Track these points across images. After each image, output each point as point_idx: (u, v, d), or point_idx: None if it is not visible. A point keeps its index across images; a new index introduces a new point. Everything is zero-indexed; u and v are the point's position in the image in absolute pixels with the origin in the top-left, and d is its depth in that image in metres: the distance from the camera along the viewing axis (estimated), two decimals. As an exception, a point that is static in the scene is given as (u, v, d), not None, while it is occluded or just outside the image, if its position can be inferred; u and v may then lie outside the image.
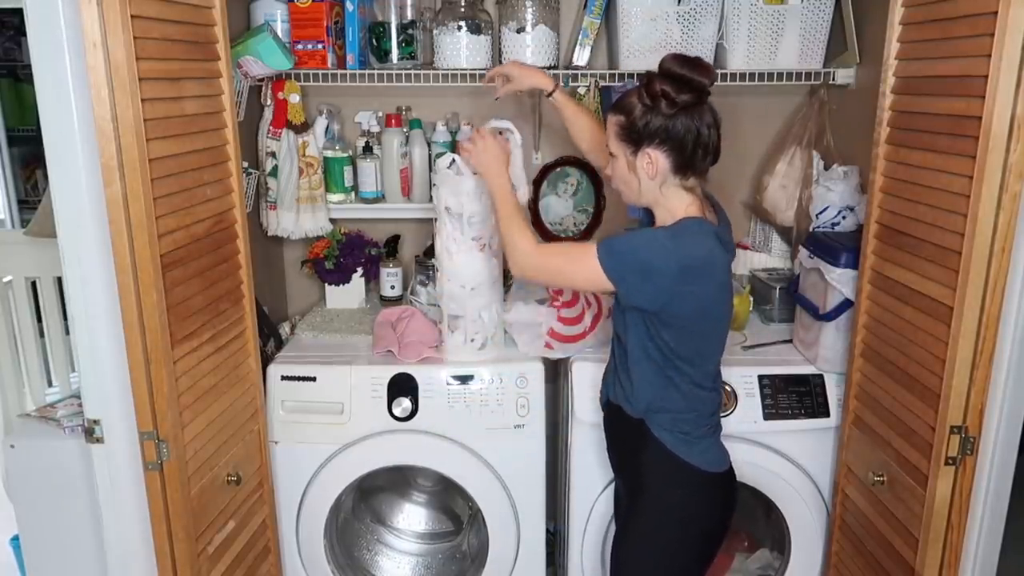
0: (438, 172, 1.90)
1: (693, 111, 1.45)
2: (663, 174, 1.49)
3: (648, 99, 1.45)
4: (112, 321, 1.42)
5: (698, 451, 1.57)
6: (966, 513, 1.52)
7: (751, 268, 2.42)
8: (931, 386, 1.50)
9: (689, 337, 1.51)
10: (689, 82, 1.43)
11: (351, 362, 2.02)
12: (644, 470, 1.60)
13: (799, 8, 2.14)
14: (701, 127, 1.46)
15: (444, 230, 1.90)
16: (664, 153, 1.47)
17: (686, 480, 1.57)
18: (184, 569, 1.56)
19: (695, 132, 1.46)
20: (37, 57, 1.34)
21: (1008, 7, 1.27)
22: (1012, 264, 1.38)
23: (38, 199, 3.80)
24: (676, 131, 1.45)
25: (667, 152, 1.47)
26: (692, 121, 1.45)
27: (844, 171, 2.11)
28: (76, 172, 1.37)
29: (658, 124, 1.45)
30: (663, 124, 1.45)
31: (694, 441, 1.57)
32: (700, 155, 1.48)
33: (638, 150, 1.48)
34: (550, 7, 2.19)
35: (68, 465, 1.70)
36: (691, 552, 1.62)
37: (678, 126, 1.45)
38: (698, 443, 1.58)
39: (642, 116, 1.46)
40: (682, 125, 1.45)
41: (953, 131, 1.42)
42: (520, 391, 1.97)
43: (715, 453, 1.61)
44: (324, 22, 2.15)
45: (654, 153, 1.47)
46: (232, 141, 1.66)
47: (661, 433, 1.56)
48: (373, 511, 2.38)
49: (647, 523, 1.61)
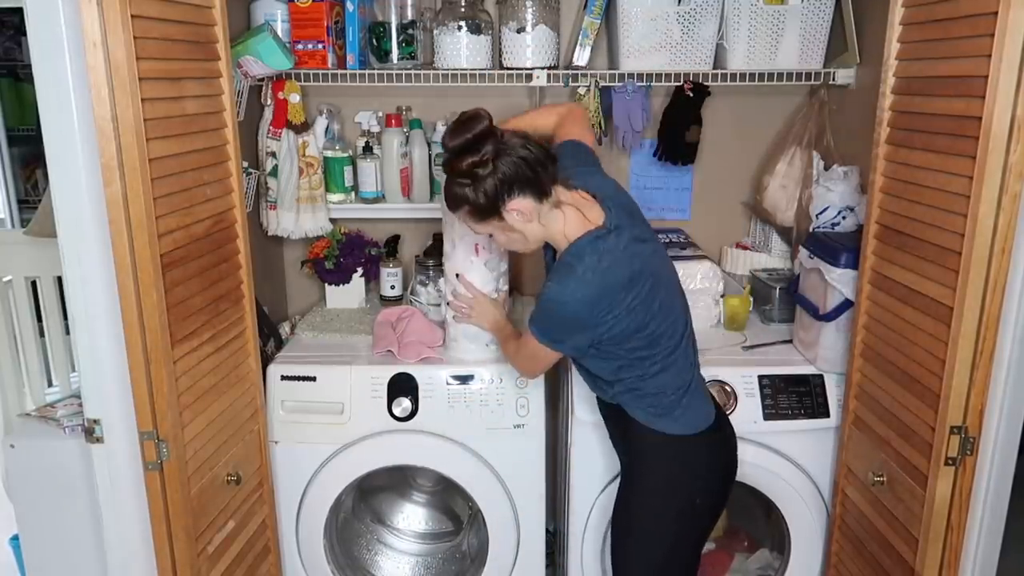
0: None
1: (501, 150, 1.47)
2: (533, 211, 1.52)
3: (467, 179, 1.48)
4: (112, 321, 1.42)
5: (673, 419, 1.61)
6: (966, 513, 1.52)
7: (751, 268, 2.42)
8: (931, 386, 1.50)
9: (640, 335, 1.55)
10: (477, 138, 1.46)
11: (351, 362, 2.02)
12: (631, 448, 1.68)
13: (799, 8, 2.14)
14: (519, 152, 1.49)
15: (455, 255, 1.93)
16: (520, 196, 1.49)
17: (671, 451, 1.63)
18: (184, 569, 1.56)
19: (521, 160, 1.49)
20: (37, 57, 1.33)
21: (1008, 7, 1.27)
22: (1012, 264, 1.38)
23: (38, 199, 3.80)
24: (509, 175, 1.48)
25: (521, 193, 1.49)
26: (510, 156, 1.48)
27: (844, 171, 2.11)
28: (76, 172, 1.37)
29: (493, 184, 1.48)
30: (496, 181, 1.48)
31: (666, 411, 1.61)
32: (542, 172, 1.50)
33: (501, 213, 1.51)
34: (550, 7, 2.19)
35: (68, 465, 1.70)
36: (689, 518, 1.68)
37: (506, 170, 1.48)
38: (672, 411, 1.61)
39: (477, 192, 1.49)
40: (507, 166, 1.48)
41: (953, 131, 1.42)
42: (520, 391, 1.98)
43: (692, 414, 1.63)
44: (324, 22, 2.15)
45: (513, 203, 1.50)
46: (232, 141, 1.66)
47: (636, 412, 1.62)
48: (373, 511, 2.38)
49: (639, 498, 1.68)
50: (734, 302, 2.18)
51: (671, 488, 1.65)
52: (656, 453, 1.64)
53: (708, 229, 2.52)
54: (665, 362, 1.59)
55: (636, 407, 1.62)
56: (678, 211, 2.54)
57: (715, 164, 2.48)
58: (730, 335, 2.16)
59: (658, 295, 1.56)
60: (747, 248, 2.48)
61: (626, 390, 1.62)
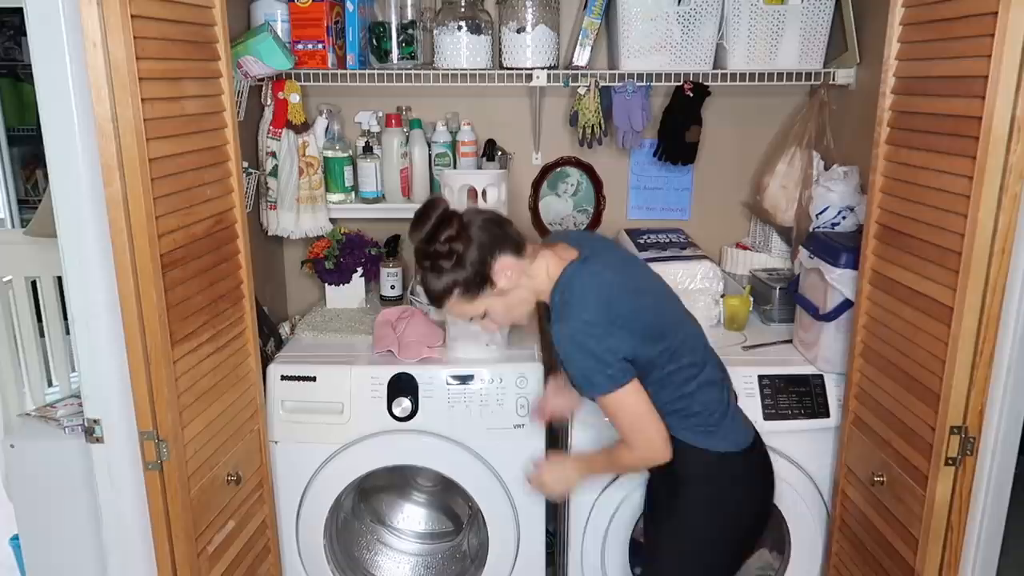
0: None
1: (467, 222, 1.49)
2: (518, 267, 1.52)
3: (447, 258, 1.48)
4: (112, 321, 1.42)
5: (722, 436, 1.59)
6: (966, 513, 1.52)
7: (751, 268, 2.42)
8: (931, 386, 1.50)
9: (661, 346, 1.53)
10: (441, 220, 1.47)
11: (351, 362, 2.02)
12: (677, 474, 1.61)
13: (799, 8, 2.14)
14: (482, 216, 1.51)
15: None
16: (501, 254, 1.49)
17: (721, 469, 1.60)
18: (184, 569, 1.56)
19: (488, 222, 1.50)
20: (37, 57, 1.33)
21: (1008, 7, 1.27)
22: (1012, 264, 1.38)
23: (38, 199, 3.81)
24: (485, 238, 1.48)
25: (502, 252, 1.50)
26: (476, 223, 1.49)
27: (844, 171, 2.11)
28: (76, 172, 1.37)
29: (475, 251, 1.47)
30: (476, 247, 1.47)
31: (714, 428, 1.59)
32: (508, 228, 1.53)
33: (491, 279, 1.50)
34: (550, 7, 2.19)
35: (68, 465, 1.70)
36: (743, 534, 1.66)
37: (481, 235, 1.48)
38: (718, 429, 1.59)
39: (463, 266, 1.48)
40: (479, 231, 1.48)
41: (953, 131, 1.42)
42: (520, 391, 1.98)
43: (736, 432, 1.62)
44: (324, 22, 2.15)
45: (499, 264, 1.49)
46: (232, 141, 1.66)
47: (684, 433, 1.58)
48: (373, 511, 2.38)
49: (693, 520, 1.63)
50: (734, 302, 2.18)
51: (724, 505, 1.62)
52: (707, 472, 1.60)
53: (708, 229, 2.52)
54: (700, 380, 1.57)
55: (683, 427, 1.57)
56: (678, 211, 2.54)
57: (715, 164, 2.48)
58: (730, 335, 2.16)
59: (662, 307, 1.58)
60: (747, 248, 2.48)
61: (670, 412, 1.57)
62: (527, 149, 2.47)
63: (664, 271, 2.11)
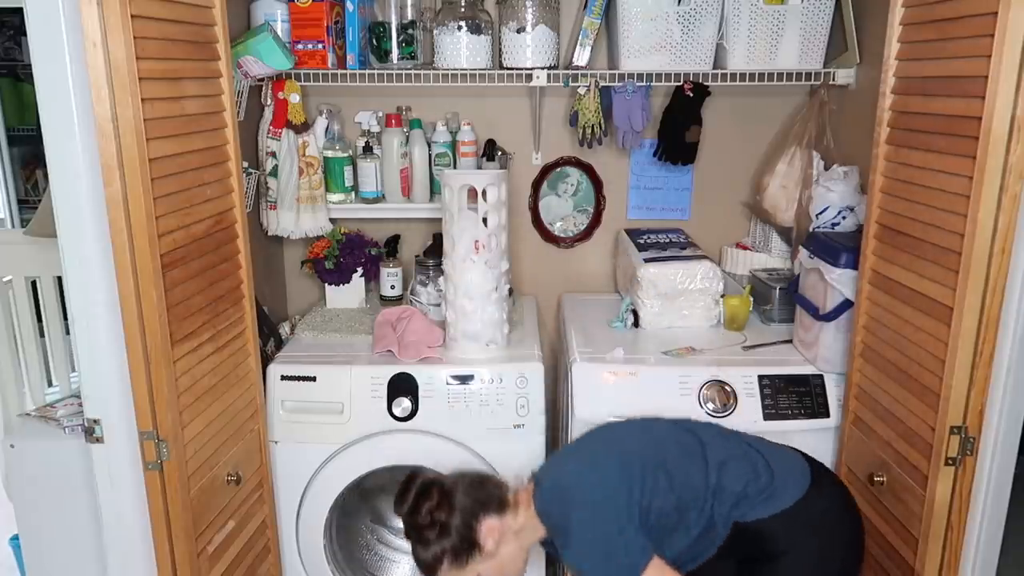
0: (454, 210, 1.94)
1: (448, 490, 1.53)
2: (503, 527, 1.53)
3: (432, 529, 1.51)
4: (112, 321, 1.42)
5: (785, 491, 1.54)
6: (966, 513, 1.52)
7: (751, 268, 2.42)
8: (931, 386, 1.50)
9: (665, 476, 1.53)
10: (421, 491, 1.53)
11: (351, 362, 2.02)
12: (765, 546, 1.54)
13: (799, 8, 2.14)
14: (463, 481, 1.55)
15: (455, 253, 1.94)
16: (486, 517, 1.52)
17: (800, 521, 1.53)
18: (184, 569, 1.56)
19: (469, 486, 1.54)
20: (37, 57, 1.33)
21: (1008, 7, 1.27)
22: (1012, 264, 1.38)
23: (38, 199, 3.81)
24: (467, 503, 1.52)
25: (486, 514, 1.52)
26: (457, 489, 1.53)
27: (844, 171, 2.11)
28: (76, 172, 1.37)
29: (459, 518, 1.51)
30: (459, 514, 1.51)
31: (764, 490, 1.54)
32: (491, 487, 1.57)
33: (479, 544, 1.51)
34: (550, 7, 2.19)
35: (68, 465, 1.70)
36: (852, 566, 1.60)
37: (463, 500, 1.52)
38: (769, 487, 1.54)
39: (448, 535, 1.50)
40: (461, 497, 1.52)
41: (953, 131, 1.42)
42: (520, 391, 1.97)
43: (790, 478, 1.57)
44: (324, 22, 2.15)
45: (484, 527, 1.51)
46: (232, 141, 1.67)
47: (748, 513, 1.53)
48: (373, 511, 2.38)
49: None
50: (734, 302, 2.18)
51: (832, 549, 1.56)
52: (795, 527, 1.53)
53: (708, 229, 2.52)
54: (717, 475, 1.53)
55: (745, 509, 1.53)
56: (678, 211, 2.54)
57: (715, 164, 2.48)
58: (730, 335, 2.16)
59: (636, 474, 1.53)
60: (747, 248, 2.48)
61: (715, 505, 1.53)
62: (527, 149, 2.47)
63: (664, 271, 2.12)
